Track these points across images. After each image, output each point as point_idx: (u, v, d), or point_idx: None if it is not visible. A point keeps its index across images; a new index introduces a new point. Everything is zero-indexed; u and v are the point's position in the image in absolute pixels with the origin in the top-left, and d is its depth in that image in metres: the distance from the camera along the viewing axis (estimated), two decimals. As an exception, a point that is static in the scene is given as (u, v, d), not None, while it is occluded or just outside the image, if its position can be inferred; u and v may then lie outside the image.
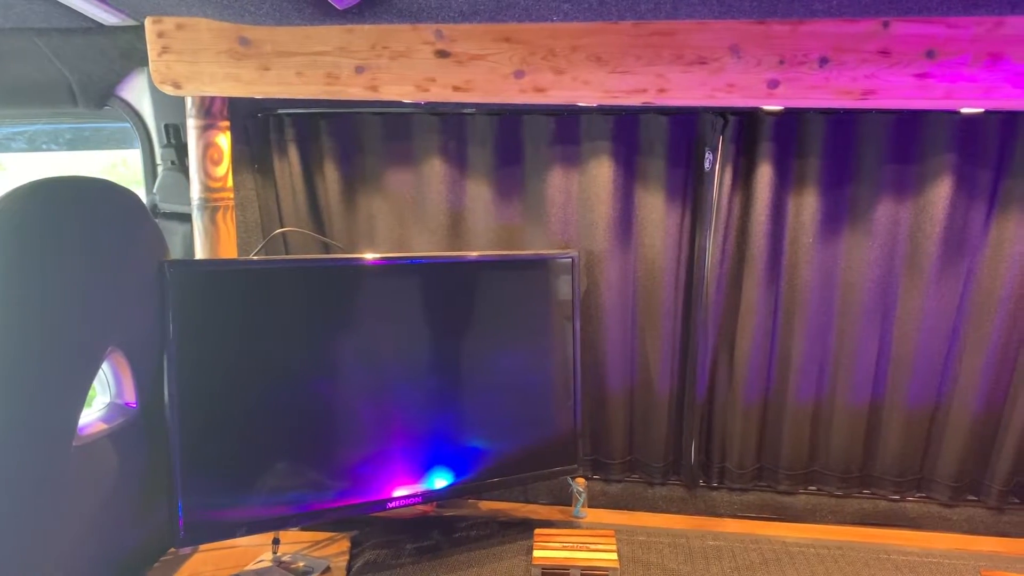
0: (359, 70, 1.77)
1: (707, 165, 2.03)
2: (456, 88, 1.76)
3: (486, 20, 1.61)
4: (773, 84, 1.67)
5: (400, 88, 1.78)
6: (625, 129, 2.03)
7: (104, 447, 1.56)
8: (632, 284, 2.15)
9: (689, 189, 2.08)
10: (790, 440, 2.22)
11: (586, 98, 1.75)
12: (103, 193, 1.51)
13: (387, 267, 1.89)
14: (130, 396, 1.66)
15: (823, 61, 1.64)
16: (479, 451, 2.04)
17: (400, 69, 1.76)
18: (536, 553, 1.94)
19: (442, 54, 1.74)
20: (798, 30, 1.63)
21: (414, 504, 1.97)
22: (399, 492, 1.94)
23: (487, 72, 1.73)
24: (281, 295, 1.77)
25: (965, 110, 1.84)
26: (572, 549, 1.96)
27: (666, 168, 2.04)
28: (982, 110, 1.83)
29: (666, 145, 2.02)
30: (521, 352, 2.06)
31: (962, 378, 2.10)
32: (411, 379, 1.95)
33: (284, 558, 1.93)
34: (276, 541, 1.94)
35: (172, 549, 1.92)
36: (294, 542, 2.03)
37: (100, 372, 1.60)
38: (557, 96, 1.75)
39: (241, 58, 1.80)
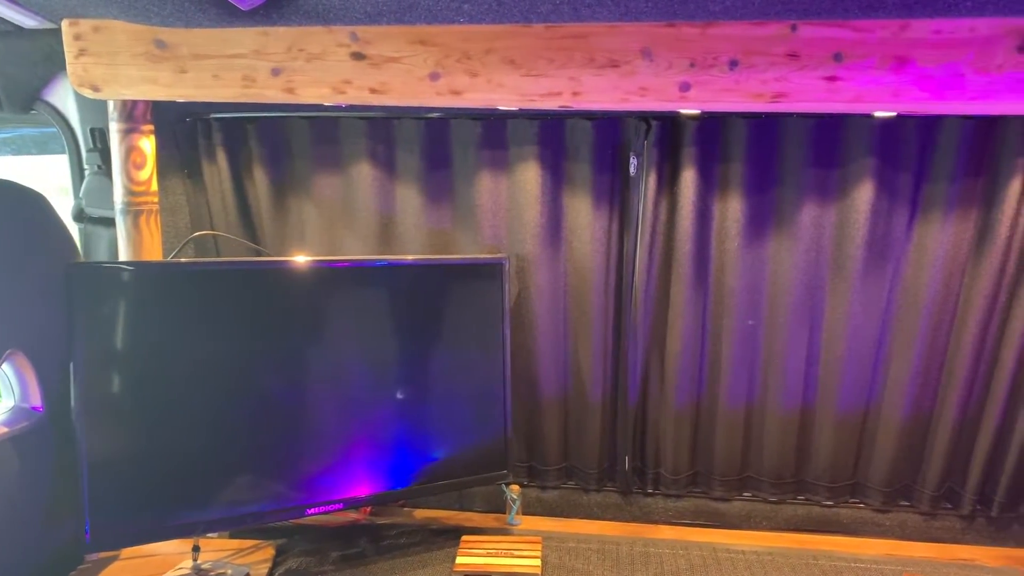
0: (275, 72, 1.76)
1: (632, 170, 2.03)
2: (372, 90, 1.76)
3: (392, 22, 1.61)
4: (685, 87, 1.67)
5: (317, 90, 1.77)
6: (551, 134, 2.03)
7: (6, 451, 1.54)
8: (563, 289, 2.15)
9: (616, 194, 2.08)
10: (723, 446, 2.21)
11: (502, 101, 1.75)
12: (3, 194, 1.50)
13: (304, 270, 1.87)
14: (36, 400, 1.63)
15: (733, 64, 1.65)
16: (406, 457, 2.02)
17: (316, 71, 1.75)
18: (459, 559, 1.93)
19: (357, 56, 1.73)
20: (707, 33, 1.64)
21: (335, 511, 1.95)
22: (319, 498, 1.91)
23: (403, 74, 1.73)
24: (190, 298, 1.75)
25: (878, 113, 1.85)
26: (496, 555, 1.94)
27: (592, 173, 2.04)
28: (894, 113, 1.84)
29: (592, 150, 2.03)
30: (451, 357, 2.05)
31: (891, 382, 2.10)
32: (334, 384, 1.93)
33: (204, 566, 1.91)
34: (196, 548, 1.91)
35: (88, 557, 1.90)
36: (217, 549, 2.01)
37: (3, 374, 1.58)
38: (473, 99, 1.74)
39: (158, 61, 1.79)
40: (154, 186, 2.01)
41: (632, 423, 2.22)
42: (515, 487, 2.23)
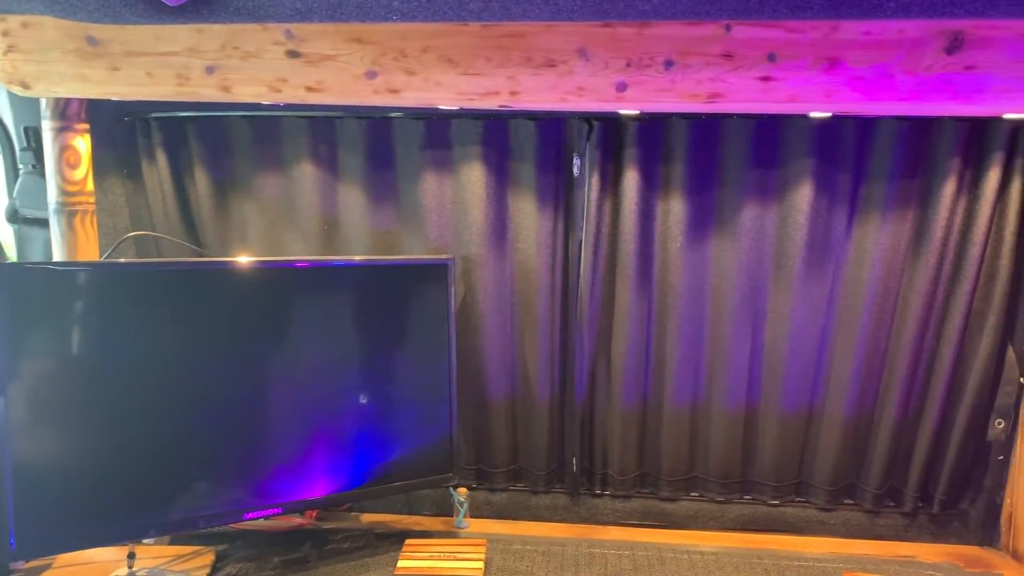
0: (210, 70, 1.74)
1: (576, 171, 2.04)
2: (309, 89, 1.74)
3: (324, 19, 1.59)
4: (622, 87, 1.68)
5: (252, 89, 1.75)
6: (495, 134, 2.02)
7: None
8: (509, 290, 2.14)
9: (560, 195, 2.08)
10: (670, 446, 2.22)
11: (441, 100, 1.74)
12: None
13: (244, 271, 1.85)
14: (-42, 404, 1.59)
15: (669, 64, 1.66)
16: (349, 460, 2.00)
17: (251, 70, 1.73)
18: (400, 563, 1.91)
19: (293, 54, 1.71)
20: (643, 33, 1.64)
21: (275, 515, 1.92)
22: (259, 502, 1.88)
23: (339, 73, 1.71)
24: (122, 299, 1.72)
25: (814, 114, 1.87)
26: (439, 559, 1.93)
27: (537, 174, 2.04)
28: (830, 114, 1.85)
29: (535, 150, 2.02)
30: (395, 359, 2.03)
31: (833, 382, 2.12)
32: (274, 386, 1.90)
33: (139, 573, 1.87)
34: (131, 555, 1.88)
35: (14, 566, 1.85)
36: (155, 556, 1.97)
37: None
38: (411, 98, 1.73)
39: (90, 58, 1.76)
40: (89, 186, 1.97)
41: (579, 424, 2.22)
42: (462, 490, 2.22)
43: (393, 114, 2.04)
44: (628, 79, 1.67)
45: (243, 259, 1.86)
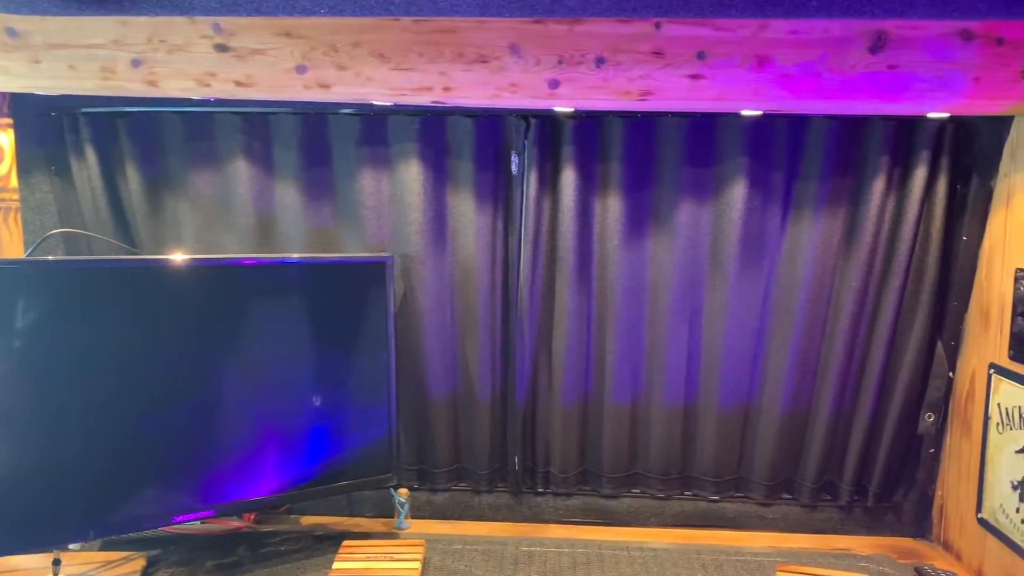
0: (135, 64, 1.70)
1: (514, 168, 2.03)
2: (238, 83, 1.71)
3: (252, 12, 1.57)
4: (554, 84, 1.68)
5: (180, 83, 1.71)
6: (432, 131, 2.01)
7: None
8: (449, 288, 2.13)
9: (500, 192, 2.08)
10: (611, 443, 2.22)
11: (373, 95, 1.72)
12: None
13: (177, 269, 1.81)
14: None
15: (600, 61, 1.66)
16: (286, 461, 1.97)
17: (178, 63, 1.69)
18: (336, 565, 1.89)
19: (221, 48, 1.68)
20: (574, 30, 1.64)
21: (206, 517, 1.88)
22: (189, 505, 1.84)
23: (268, 67, 1.69)
24: (44, 297, 1.67)
25: (745, 112, 1.89)
26: (375, 560, 1.91)
27: (475, 171, 2.04)
28: (760, 112, 1.88)
29: (474, 148, 2.02)
30: (333, 358, 2.01)
31: (769, 378, 2.15)
32: (207, 386, 1.87)
33: (65, 580, 1.82)
34: (57, 562, 1.82)
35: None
36: (83, 563, 1.92)
37: None
38: (343, 93, 1.71)
39: (10, 50, 1.71)
40: (13, 182, 1.92)
41: (521, 423, 2.21)
42: (403, 491, 2.20)
43: (335, 110, 2.01)
44: (560, 76, 1.67)
45: (177, 257, 1.83)
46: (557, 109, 1.88)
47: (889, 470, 2.17)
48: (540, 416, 2.23)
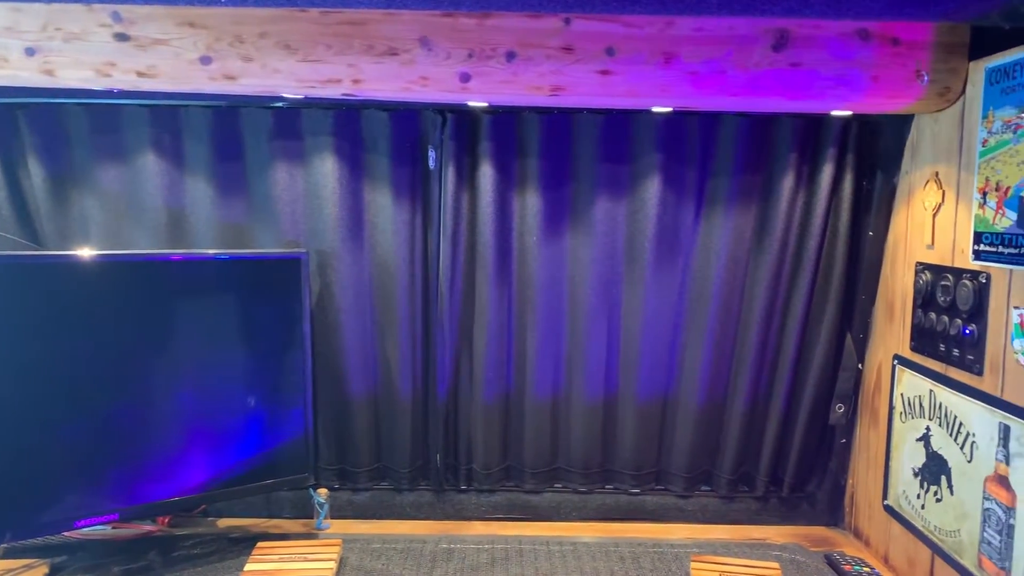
0: (30, 52, 1.64)
1: (431, 163, 2.02)
2: (140, 74, 1.66)
3: (153, 1, 1.53)
4: (465, 78, 1.67)
5: (78, 73, 1.66)
6: (347, 125, 1.99)
7: None
8: (367, 284, 2.11)
9: (417, 188, 2.06)
10: (533, 439, 2.23)
11: (281, 88, 1.70)
12: None
13: (83, 265, 1.75)
14: None
15: (511, 56, 1.66)
16: (198, 462, 1.92)
17: (76, 52, 1.64)
18: (248, 567, 1.85)
19: (121, 37, 1.63)
20: (485, 24, 1.64)
21: (110, 521, 1.82)
22: (94, 509, 1.78)
23: (171, 58, 1.64)
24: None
25: (656, 109, 1.91)
26: (289, 561, 1.87)
27: (392, 166, 2.02)
28: (670, 109, 1.90)
29: (390, 142, 2.00)
30: (247, 356, 1.97)
31: (686, 371, 2.18)
32: (115, 386, 1.81)
33: (-41, 590, 1.74)
34: (-50, 572, 1.75)
35: None
36: (-19, 572, 1.84)
37: None
38: (250, 85, 1.68)
39: None
40: (-96, 176, 1.83)
41: (443, 420, 2.20)
42: (323, 491, 2.17)
43: (246, 103, 1.97)
44: (471, 70, 1.67)
45: (83, 252, 1.77)
46: (471, 104, 1.88)
47: (803, 461, 2.22)
48: (462, 413, 2.22)
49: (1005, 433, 1.52)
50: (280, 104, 1.96)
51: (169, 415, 1.88)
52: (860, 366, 2.14)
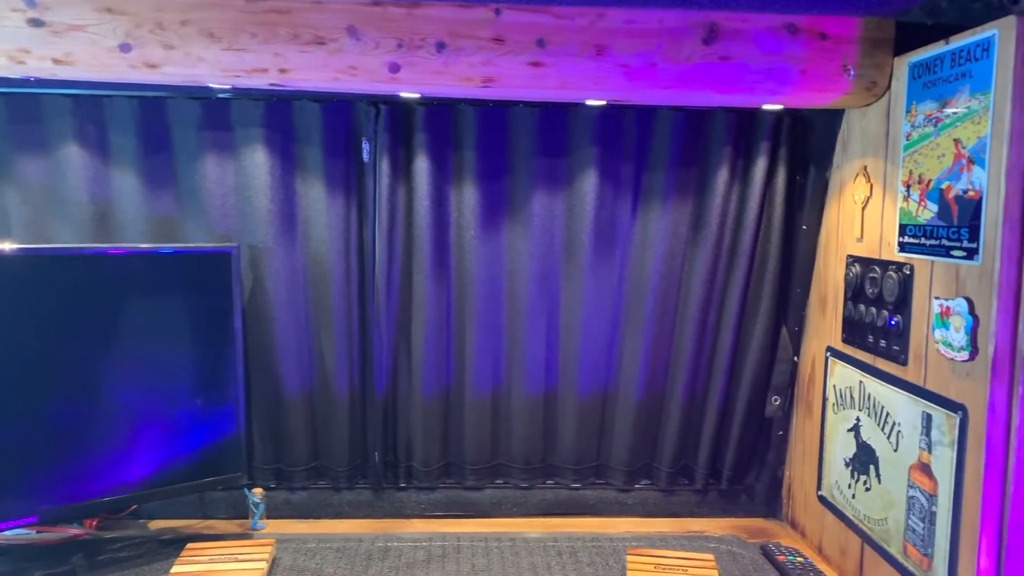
0: (-65, 37, 1.57)
1: (365, 156, 2.00)
2: (56, 61, 1.60)
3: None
4: (395, 68, 1.65)
5: (-10, 59, 1.60)
6: (278, 116, 1.96)
7: None
8: (301, 280, 2.07)
9: (352, 181, 2.03)
10: (473, 435, 2.21)
11: (206, 77, 1.65)
12: None
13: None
14: None
15: (440, 46, 1.64)
16: (125, 463, 1.87)
17: (-13, 38, 1.58)
18: (174, 569, 1.80)
19: (35, 23, 1.58)
20: (413, 13, 1.62)
21: (30, 524, 1.76)
22: (7, 514, 1.72)
23: (89, 45, 1.59)
24: None
25: (590, 102, 1.91)
26: (219, 562, 1.83)
27: (325, 158, 1.99)
28: (604, 102, 1.90)
29: (322, 134, 1.97)
30: (179, 353, 1.92)
31: (625, 365, 2.18)
32: (36, 383, 1.75)
33: None
34: None
35: None
36: None
37: None
38: (173, 74, 1.64)
39: None
40: None
41: (381, 417, 2.17)
42: (258, 490, 2.12)
43: (173, 93, 1.92)
44: (400, 60, 1.64)
45: (3, 246, 1.72)
46: (404, 95, 1.85)
47: (741, 453, 2.24)
48: (400, 410, 2.19)
49: (927, 422, 1.54)
50: (213, 95, 1.92)
51: (94, 413, 1.83)
52: (795, 358, 2.17)
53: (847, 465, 1.89)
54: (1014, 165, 1.32)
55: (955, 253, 1.46)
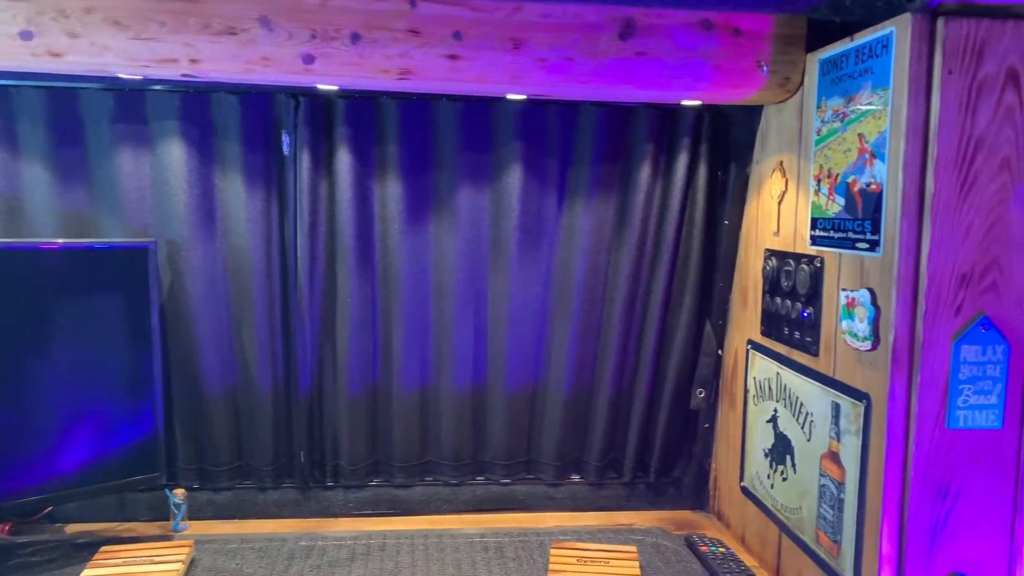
0: None
1: (286, 149, 1.97)
2: (-48, 49, 1.55)
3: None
4: (309, 59, 1.62)
5: None
6: (195, 108, 1.92)
7: None
8: (222, 276, 2.03)
9: (272, 175, 2.00)
10: (401, 432, 2.19)
11: (113, 66, 1.61)
12: None
13: None
14: None
15: (356, 38, 1.62)
16: (35, 464, 1.81)
17: None
18: (84, 572, 1.75)
19: (-71, 9, 1.52)
20: (328, 4, 1.60)
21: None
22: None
23: (-13, 32, 1.54)
24: None
25: (511, 96, 1.91)
26: (133, 564, 1.79)
27: (244, 152, 1.96)
28: (524, 97, 1.90)
29: (241, 127, 1.94)
30: (93, 351, 1.87)
31: (553, 360, 2.18)
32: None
33: None
34: None
35: None
36: None
37: None
38: (77, 63, 1.59)
39: None
40: None
41: (306, 415, 2.14)
42: (179, 491, 2.08)
43: (86, 83, 1.87)
44: (315, 51, 1.62)
45: None
46: (322, 87, 1.83)
47: (668, 446, 2.26)
48: (326, 407, 2.17)
49: (836, 411, 1.58)
50: (126, 86, 1.87)
51: (3, 413, 1.77)
52: (719, 351, 2.20)
53: (766, 456, 1.92)
54: (911, 159, 1.35)
55: (860, 245, 1.49)
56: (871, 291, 1.44)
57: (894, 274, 1.38)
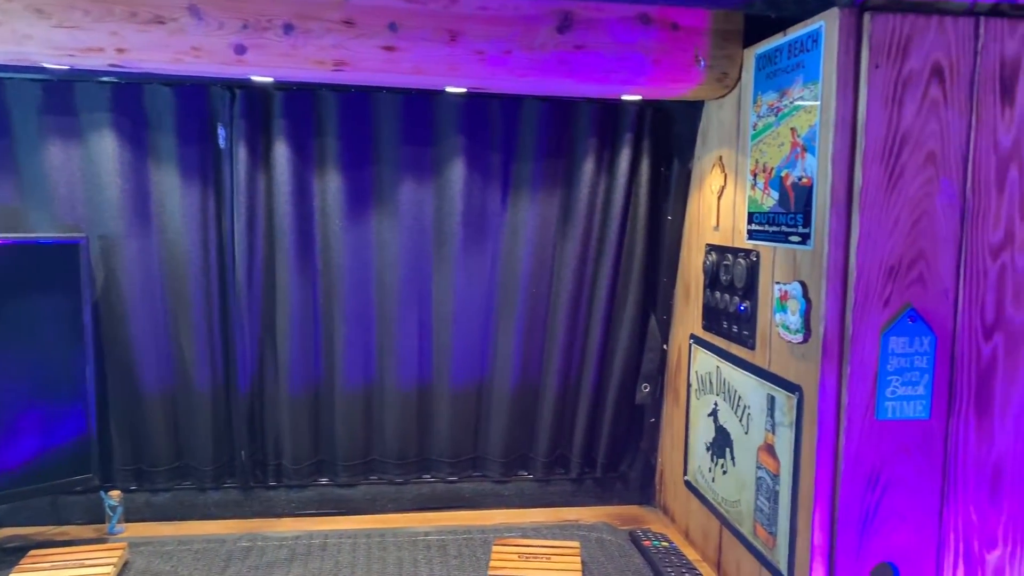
0: None
1: (221, 142, 1.93)
2: None
3: None
4: (240, 50, 1.59)
5: None
6: (127, 100, 1.87)
7: None
8: (157, 273, 1.99)
9: (208, 168, 1.96)
10: (345, 430, 2.16)
11: (36, 56, 1.56)
12: None
13: None
14: None
15: (288, 28, 1.59)
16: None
17: None
18: (10, 577, 1.70)
19: None
20: (258, -7, 1.57)
21: None
22: None
23: (-101, 18, 1.48)
24: None
25: (450, 89, 1.89)
26: (62, 568, 1.74)
27: (179, 145, 1.91)
28: (464, 89, 1.88)
29: (175, 119, 1.90)
30: (20, 350, 1.81)
31: (499, 356, 2.17)
32: None
33: None
34: None
35: None
36: None
37: None
38: (-2, 51, 1.54)
39: None
40: None
41: (247, 414, 2.10)
42: (115, 493, 2.03)
43: (10, 74, 1.82)
44: (246, 41, 1.59)
45: None
46: (256, 79, 1.79)
47: (615, 441, 2.27)
48: (268, 406, 2.13)
49: (771, 404, 1.59)
50: (55, 77, 1.81)
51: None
52: (664, 347, 2.20)
53: (707, 449, 1.93)
54: (839, 152, 1.36)
55: (792, 239, 1.50)
56: (803, 284, 1.45)
57: (824, 267, 1.39)
